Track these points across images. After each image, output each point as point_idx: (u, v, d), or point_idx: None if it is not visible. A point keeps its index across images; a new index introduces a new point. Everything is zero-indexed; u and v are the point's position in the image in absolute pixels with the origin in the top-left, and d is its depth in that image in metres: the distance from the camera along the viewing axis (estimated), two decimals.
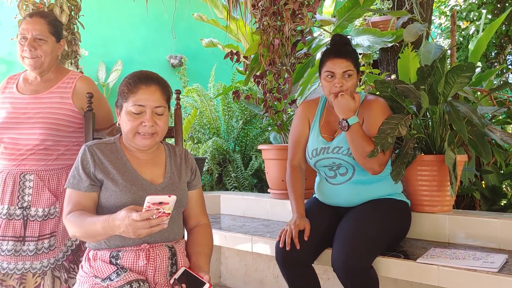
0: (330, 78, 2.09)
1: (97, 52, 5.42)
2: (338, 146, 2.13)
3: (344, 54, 2.10)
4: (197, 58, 6.20)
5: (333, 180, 2.18)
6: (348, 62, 2.08)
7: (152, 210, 1.36)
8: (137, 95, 1.58)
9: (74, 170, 1.61)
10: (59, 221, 2.01)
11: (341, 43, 2.17)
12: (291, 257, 1.97)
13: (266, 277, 2.99)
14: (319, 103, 2.29)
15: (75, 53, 3.35)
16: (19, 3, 3.13)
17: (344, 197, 2.15)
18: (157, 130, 1.61)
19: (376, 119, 2.09)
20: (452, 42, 2.87)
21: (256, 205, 3.12)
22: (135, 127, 1.59)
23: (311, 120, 2.27)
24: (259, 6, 2.56)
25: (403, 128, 2.07)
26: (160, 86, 1.63)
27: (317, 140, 2.19)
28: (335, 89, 2.08)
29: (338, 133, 2.16)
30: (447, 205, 2.32)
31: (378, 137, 2.02)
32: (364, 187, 2.12)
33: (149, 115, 1.59)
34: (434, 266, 1.85)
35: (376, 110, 2.12)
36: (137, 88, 1.59)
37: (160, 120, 1.61)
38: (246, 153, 4.62)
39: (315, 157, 2.18)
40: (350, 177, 2.13)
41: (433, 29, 6.56)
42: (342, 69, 2.07)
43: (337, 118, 2.15)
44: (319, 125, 2.23)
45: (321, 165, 2.18)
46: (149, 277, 1.56)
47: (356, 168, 2.11)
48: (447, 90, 2.22)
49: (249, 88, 4.59)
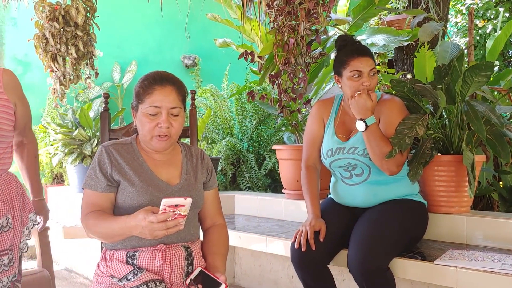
0: (357, 78, 2.06)
1: (112, 53, 5.46)
2: (353, 146, 2.10)
3: (367, 52, 2.09)
4: (211, 58, 6.21)
5: (348, 180, 2.16)
6: (372, 60, 2.08)
7: (168, 213, 1.36)
8: (152, 96, 1.58)
9: (91, 171, 1.62)
10: (14, 233, 1.79)
11: (356, 42, 2.16)
12: (307, 258, 1.96)
13: (280, 278, 2.98)
14: (334, 103, 2.27)
15: (91, 54, 3.38)
16: (35, 5, 3.17)
17: (360, 198, 2.13)
18: (172, 132, 1.61)
19: (393, 119, 2.07)
20: (470, 40, 2.83)
21: (271, 205, 3.11)
22: (152, 129, 1.59)
23: (326, 119, 2.24)
24: (274, 5, 2.55)
25: (421, 128, 2.05)
26: (175, 87, 1.62)
27: (332, 140, 2.17)
28: (364, 87, 2.04)
29: (354, 133, 2.14)
30: (464, 206, 2.29)
31: (396, 137, 2.00)
32: (381, 188, 2.10)
33: (164, 116, 1.58)
34: (452, 268, 1.82)
35: (393, 110, 2.09)
36: (153, 89, 1.59)
37: (176, 122, 1.61)
38: (260, 153, 4.61)
39: (330, 158, 2.16)
40: (366, 178, 2.11)
41: (449, 27, 6.49)
42: (369, 67, 2.06)
43: (352, 117, 2.13)
44: (334, 125, 2.20)
45: (336, 166, 2.16)
46: (165, 277, 1.56)
47: (372, 168, 2.09)
48: (465, 90, 2.19)
49: (263, 88, 4.58)
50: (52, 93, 3.39)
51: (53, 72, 3.31)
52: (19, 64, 4.97)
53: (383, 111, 2.10)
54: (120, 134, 2.02)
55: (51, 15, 3.16)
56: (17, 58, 4.96)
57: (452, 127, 2.30)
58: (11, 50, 4.93)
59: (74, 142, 4.06)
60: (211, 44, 4.98)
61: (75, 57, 3.26)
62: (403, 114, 2.09)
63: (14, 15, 4.87)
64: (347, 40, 2.18)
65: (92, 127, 4.17)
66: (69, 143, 4.05)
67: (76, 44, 3.25)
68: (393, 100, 2.14)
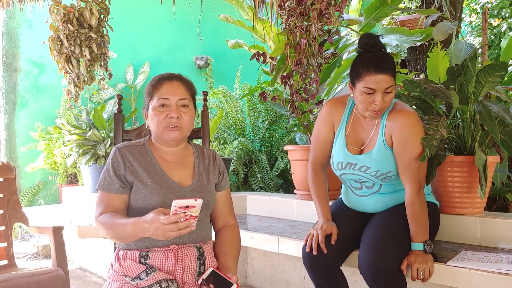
0: (368, 95, 1.90)
1: (125, 54, 5.50)
2: (366, 165, 2.00)
3: (386, 68, 1.87)
4: (223, 59, 6.23)
5: (358, 191, 2.11)
6: (390, 77, 1.88)
7: (179, 214, 1.38)
8: (161, 90, 1.63)
9: (105, 172, 1.64)
10: None
11: (379, 49, 1.95)
12: (319, 260, 1.95)
13: (292, 278, 2.98)
14: (346, 106, 2.11)
15: (104, 56, 3.41)
16: (50, 7, 3.21)
17: (371, 206, 2.09)
18: (182, 124, 1.62)
19: (408, 140, 1.94)
20: (484, 40, 2.80)
21: (283, 206, 3.11)
22: (162, 120, 1.61)
23: (337, 125, 2.11)
24: (286, 6, 2.55)
25: (443, 129, 1.99)
26: (182, 82, 1.67)
27: (343, 153, 2.06)
28: (374, 107, 1.90)
29: (367, 149, 2.03)
30: (478, 207, 2.27)
31: (425, 138, 1.94)
32: (391, 196, 2.07)
33: (174, 106, 1.61)
34: (465, 269, 1.81)
35: (408, 130, 1.95)
36: (161, 84, 1.64)
37: (185, 114, 1.63)
38: (272, 153, 4.62)
39: (341, 170, 2.09)
40: (377, 190, 2.07)
41: (462, 27, 6.42)
42: (384, 87, 1.88)
43: (364, 127, 2.04)
44: (345, 134, 2.07)
45: (346, 178, 2.11)
46: (177, 277, 1.57)
47: (383, 183, 2.05)
48: (478, 90, 2.17)
49: (275, 89, 4.58)
50: (66, 95, 3.43)
51: (67, 73, 3.35)
52: (35, 66, 5.04)
53: (395, 127, 1.96)
54: (134, 135, 2.04)
55: (65, 17, 3.19)
56: (33, 60, 5.03)
57: (465, 128, 2.28)
58: (27, 52, 5.00)
59: (88, 142, 4.10)
60: (223, 45, 5.00)
61: (89, 58, 3.30)
62: (419, 134, 1.95)
63: (30, 17, 4.94)
64: (369, 45, 1.94)
65: (105, 128, 4.21)
66: (83, 144, 4.09)
67: (90, 46, 3.29)
68: (407, 116, 1.96)
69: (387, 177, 2.00)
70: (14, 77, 4.93)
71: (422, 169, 1.96)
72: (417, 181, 1.94)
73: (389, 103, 1.95)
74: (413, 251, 1.88)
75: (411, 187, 1.93)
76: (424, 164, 1.97)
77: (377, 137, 2.00)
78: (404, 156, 1.94)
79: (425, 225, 1.91)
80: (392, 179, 2.01)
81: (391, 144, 1.98)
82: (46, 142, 4.77)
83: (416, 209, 1.91)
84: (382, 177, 2.00)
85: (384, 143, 1.99)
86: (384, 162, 1.99)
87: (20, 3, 3.43)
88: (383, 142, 1.99)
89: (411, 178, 1.93)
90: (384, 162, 1.99)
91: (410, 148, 1.94)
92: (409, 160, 1.93)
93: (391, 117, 1.98)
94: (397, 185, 2.04)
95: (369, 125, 2.04)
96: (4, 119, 4.87)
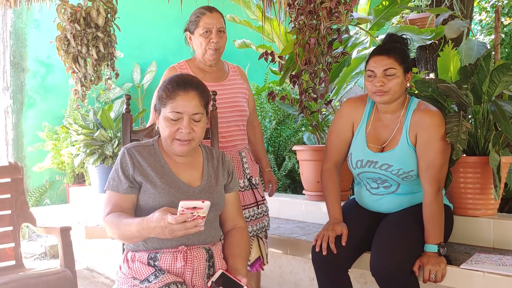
0: (371, 78, 1.96)
1: (132, 54, 5.49)
2: (387, 163, 1.98)
3: (387, 50, 1.94)
4: (230, 59, 6.16)
5: (375, 190, 2.08)
6: (390, 60, 1.92)
7: (186, 214, 1.36)
8: (175, 101, 1.57)
9: (114, 173, 1.62)
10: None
11: (390, 41, 2.04)
12: (328, 261, 1.93)
13: (301, 280, 2.95)
14: (366, 105, 2.11)
15: (111, 55, 3.40)
16: (57, 7, 3.20)
17: (385, 206, 2.06)
18: (193, 137, 1.60)
19: (433, 140, 1.93)
20: (496, 39, 2.76)
21: (291, 207, 3.09)
22: (173, 133, 1.58)
23: (356, 124, 2.09)
24: (295, 5, 2.52)
25: (466, 122, 1.97)
26: (198, 92, 1.61)
27: (363, 151, 2.04)
28: (375, 89, 1.94)
29: (389, 147, 2.02)
30: (491, 208, 2.23)
31: (452, 135, 1.91)
32: (407, 197, 2.04)
33: (186, 122, 1.57)
34: (479, 272, 1.77)
35: (434, 129, 1.93)
36: (176, 94, 1.58)
37: (197, 127, 1.60)
38: (279, 153, 4.59)
39: (360, 169, 2.05)
40: (394, 190, 2.04)
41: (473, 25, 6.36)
42: (382, 67, 1.92)
43: (386, 124, 2.03)
44: (365, 132, 2.06)
45: (365, 177, 2.08)
46: (186, 279, 1.55)
47: (402, 183, 2.02)
48: (492, 89, 2.13)
49: (283, 89, 4.55)
50: (74, 94, 3.42)
51: (74, 73, 3.34)
52: (42, 66, 5.04)
53: (420, 126, 1.95)
54: (142, 136, 2.02)
55: (72, 17, 3.18)
56: (40, 59, 5.03)
57: (478, 128, 2.25)
58: (34, 51, 5.00)
59: (95, 142, 4.10)
60: (230, 45, 4.97)
61: (96, 58, 3.28)
62: (442, 131, 1.94)
63: (37, 17, 4.94)
64: (386, 38, 2.06)
65: (113, 128, 4.20)
66: (91, 144, 4.09)
67: (96, 46, 3.27)
68: (432, 117, 1.95)
69: (408, 176, 1.98)
70: (21, 77, 4.93)
71: (443, 170, 1.95)
72: (437, 181, 1.92)
73: (396, 90, 1.94)
74: (426, 252, 1.85)
75: (431, 187, 1.91)
76: (446, 166, 1.96)
77: (400, 135, 1.99)
78: (428, 155, 1.93)
79: (441, 227, 1.89)
80: (412, 179, 1.99)
81: (414, 143, 1.97)
82: (53, 142, 4.77)
83: (434, 209, 1.89)
84: (404, 176, 1.98)
85: (408, 141, 1.98)
86: (406, 161, 1.97)
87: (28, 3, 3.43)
88: (407, 141, 1.98)
89: (431, 179, 1.91)
90: (406, 160, 1.97)
91: (434, 147, 1.93)
92: (431, 160, 1.92)
93: (416, 116, 1.98)
94: (415, 186, 2.02)
95: (391, 123, 2.03)
96: (12, 119, 4.87)
